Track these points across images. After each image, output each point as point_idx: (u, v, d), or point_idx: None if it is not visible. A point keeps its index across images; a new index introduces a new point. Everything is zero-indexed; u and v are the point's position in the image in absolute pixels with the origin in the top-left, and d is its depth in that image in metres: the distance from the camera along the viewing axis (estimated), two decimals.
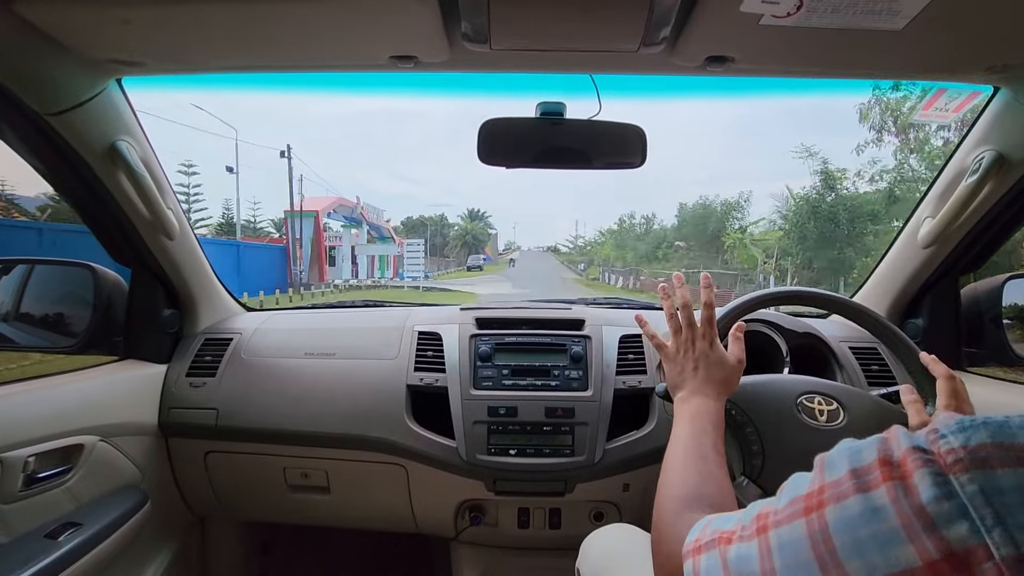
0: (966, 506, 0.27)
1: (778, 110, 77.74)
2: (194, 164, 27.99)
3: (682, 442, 0.64)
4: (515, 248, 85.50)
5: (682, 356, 0.76)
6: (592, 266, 42.44)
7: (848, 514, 0.31)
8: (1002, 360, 1.13)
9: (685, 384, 0.73)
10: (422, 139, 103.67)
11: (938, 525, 0.27)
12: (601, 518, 1.18)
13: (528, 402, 1.11)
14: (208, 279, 1.31)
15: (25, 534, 0.88)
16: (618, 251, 35.91)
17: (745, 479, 0.80)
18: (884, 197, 12.15)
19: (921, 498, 0.28)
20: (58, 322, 1.22)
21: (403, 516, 1.22)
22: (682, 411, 0.69)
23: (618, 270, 30.97)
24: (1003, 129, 0.95)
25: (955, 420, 0.30)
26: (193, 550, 1.36)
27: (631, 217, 39.19)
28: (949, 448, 0.29)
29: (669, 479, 0.59)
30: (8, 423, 0.86)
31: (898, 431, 0.33)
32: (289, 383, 1.19)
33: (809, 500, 0.33)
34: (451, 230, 55.07)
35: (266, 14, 0.72)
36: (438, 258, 46.22)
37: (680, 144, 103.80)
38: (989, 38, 0.76)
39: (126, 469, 1.09)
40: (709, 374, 0.73)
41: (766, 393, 0.85)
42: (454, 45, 0.79)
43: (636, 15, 0.70)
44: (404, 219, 56.11)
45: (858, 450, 0.33)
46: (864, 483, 0.31)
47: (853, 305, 0.94)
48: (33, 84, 0.82)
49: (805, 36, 0.73)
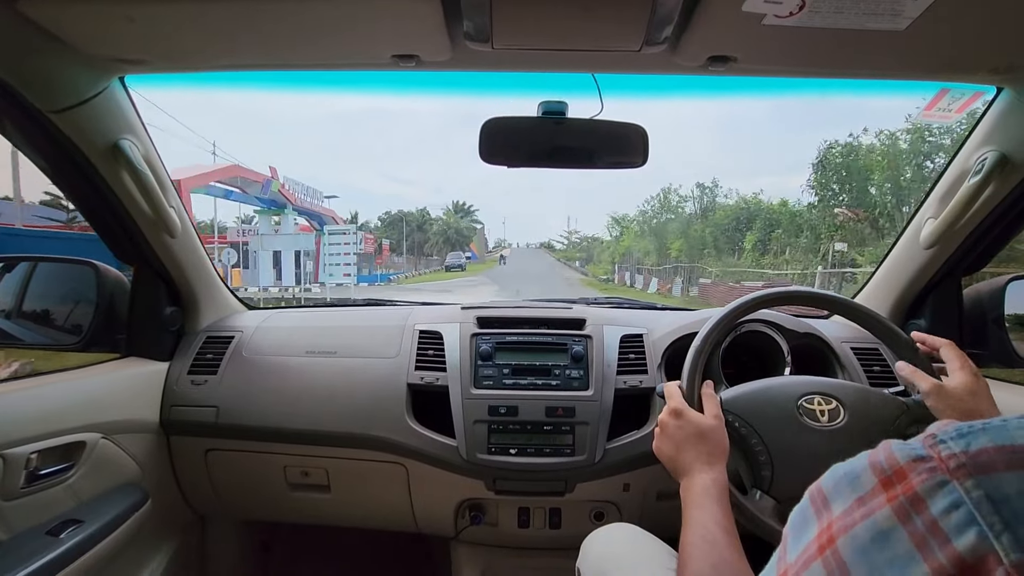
0: (973, 513, 0.26)
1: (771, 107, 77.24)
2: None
3: (691, 528, 0.66)
4: (506, 245, 75.35)
5: (666, 447, 0.80)
6: (593, 263, 37.30)
7: (861, 543, 0.29)
8: (1005, 361, 1.13)
9: (680, 469, 0.76)
10: (412, 139, 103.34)
11: (950, 537, 0.27)
12: (601, 518, 1.18)
13: (529, 401, 1.11)
14: (210, 277, 1.31)
15: (26, 531, 0.88)
16: (641, 242, 25.29)
17: (757, 492, 0.80)
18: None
19: (932, 511, 0.27)
20: (61, 320, 1.22)
21: (403, 515, 1.22)
22: (686, 496, 0.72)
23: (651, 269, 22.36)
24: (1006, 130, 0.95)
25: (952, 426, 0.30)
26: (193, 548, 1.37)
27: (670, 192, 24.63)
28: (950, 453, 0.28)
29: (686, 571, 0.62)
30: (10, 420, 0.87)
31: (890, 445, 0.32)
32: (290, 381, 1.19)
33: (820, 539, 0.32)
34: (433, 225, 48.33)
35: (269, 13, 0.72)
36: (418, 257, 41.46)
37: (678, 142, 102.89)
38: (992, 39, 0.76)
39: (127, 467, 1.09)
40: (696, 451, 0.76)
41: (766, 400, 0.85)
42: (456, 44, 0.79)
43: (638, 15, 0.70)
44: (383, 214, 48.52)
45: (855, 476, 0.32)
46: (870, 508, 0.30)
47: (850, 304, 0.95)
48: (36, 82, 0.82)
49: (807, 36, 0.73)
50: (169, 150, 17.20)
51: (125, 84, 0.95)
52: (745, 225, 18.49)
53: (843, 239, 13.73)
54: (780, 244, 16.47)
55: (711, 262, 18.91)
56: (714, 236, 19.57)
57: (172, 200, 1.10)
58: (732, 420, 0.82)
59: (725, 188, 30.73)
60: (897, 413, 0.83)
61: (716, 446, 0.76)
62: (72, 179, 0.99)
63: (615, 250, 30.39)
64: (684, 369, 0.88)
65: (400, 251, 41.05)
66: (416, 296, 2.16)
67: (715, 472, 0.72)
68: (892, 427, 0.82)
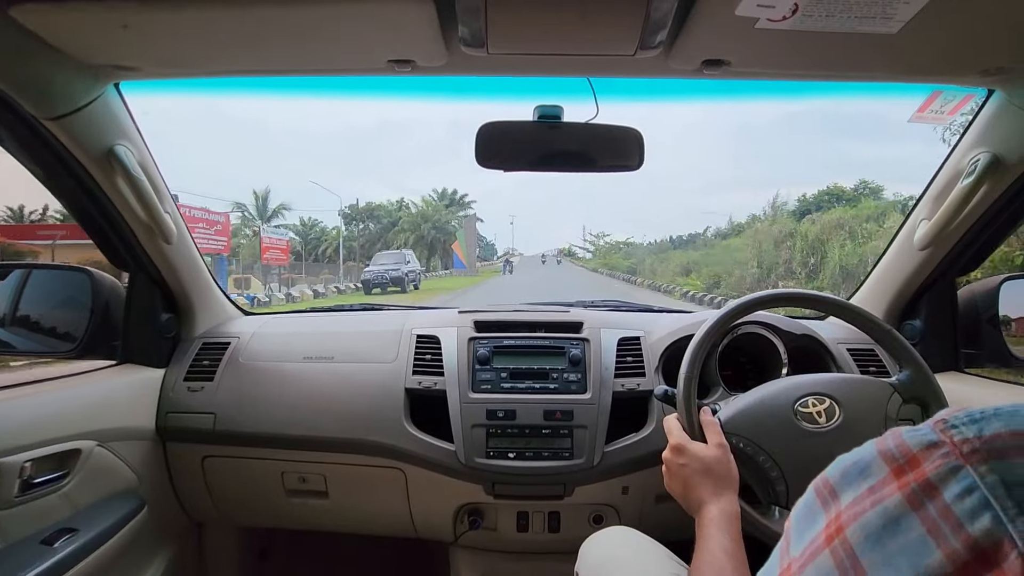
0: (987, 498, 0.26)
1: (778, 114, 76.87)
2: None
3: (698, 556, 0.69)
4: (516, 253, 57.09)
5: (675, 486, 0.81)
6: (640, 270, 25.91)
7: (871, 531, 0.29)
8: (999, 361, 1.14)
9: (692, 506, 0.77)
10: (421, 148, 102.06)
11: (963, 522, 0.26)
12: (600, 521, 1.18)
13: (527, 405, 1.11)
14: (206, 283, 1.31)
15: (21, 540, 0.87)
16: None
17: (775, 509, 0.80)
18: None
19: (945, 497, 0.27)
20: (56, 327, 1.21)
21: (402, 520, 1.21)
22: (698, 529, 0.74)
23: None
24: (998, 131, 0.95)
25: (963, 411, 0.29)
26: (190, 556, 1.36)
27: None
28: (963, 438, 0.28)
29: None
30: (5, 428, 0.86)
31: (900, 432, 0.31)
32: (287, 387, 1.18)
33: (829, 529, 0.31)
34: (403, 216, 33.53)
35: (264, 19, 0.72)
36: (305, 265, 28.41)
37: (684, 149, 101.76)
38: (983, 41, 0.76)
39: (123, 474, 1.08)
40: (704, 486, 0.77)
41: (764, 413, 0.85)
42: (451, 49, 0.79)
43: (632, 19, 0.70)
44: (348, 206, 33.19)
45: (864, 465, 0.31)
46: (880, 496, 0.29)
47: (845, 305, 0.96)
48: (31, 89, 0.82)
49: (800, 40, 0.74)
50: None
51: (120, 91, 0.95)
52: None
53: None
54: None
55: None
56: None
57: (168, 206, 1.10)
58: (736, 442, 0.82)
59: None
60: (886, 394, 0.85)
61: (723, 477, 0.77)
62: (67, 186, 0.98)
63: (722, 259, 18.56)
64: (681, 372, 0.88)
65: (322, 257, 30.34)
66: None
67: (723, 502, 0.73)
68: (885, 409, 0.84)
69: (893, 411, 0.84)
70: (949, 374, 1.17)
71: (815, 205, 18.08)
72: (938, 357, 1.13)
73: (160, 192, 1.07)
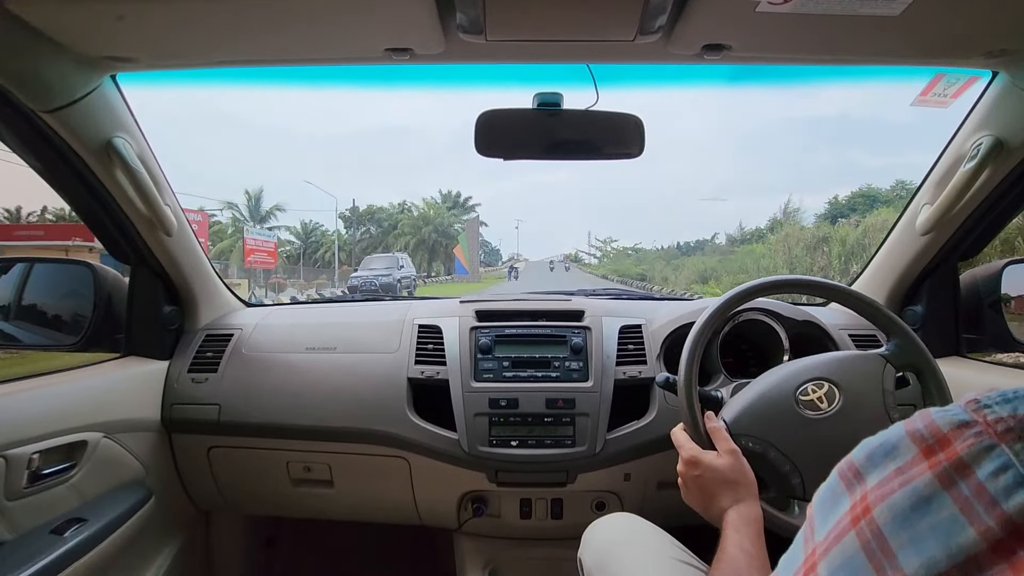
0: (1023, 475, 0.26)
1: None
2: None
3: (718, 555, 0.70)
4: (522, 259, 55.15)
5: (694, 500, 0.82)
6: (651, 276, 25.29)
7: (899, 511, 0.28)
8: (1002, 345, 1.14)
9: (714, 518, 0.77)
10: (428, 155, 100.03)
11: (998, 499, 0.26)
12: (603, 507, 1.19)
13: (529, 393, 1.11)
14: (208, 275, 1.31)
15: (31, 530, 0.89)
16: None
17: (794, 503, 0.80)
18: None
19: (978, 476, 0.27)
20: (60, 320, 1.22)
21: (406, 508, 1.23)
22: (723, 531, 0.74)
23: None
24: (1002, 114, 0.95)
25: (996, 391, 0.29)
26: (198, 544, 1.37)
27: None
28: (997, 417, 0.28)
29: None
30: (12, 421, 0.87)
31: (929, 413, 0.31)
32: (291, 378, 1.19)
33: (854, 511, 0.30)
34: (404, 218, 33.32)
35: (260, 8, 0.71)
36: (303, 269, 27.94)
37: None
38: (987, 23, 0.75)
39: (130, 465, 1.09)
40: (723, 496, 0.77)
41: (767, 406, 0.85)
42: (449, 37, 0.78)
43: (632, 4, 0.69)
44: (348, 208, 33.80)
45: (892, 446, 0.31)
46: (909, 476, 0.29)
47: (846, 291, 0.96)
48: (27, 81, 0.81)
49: (802, 23, 0.73)
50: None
51: (117, 82, 0.94)
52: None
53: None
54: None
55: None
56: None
57: (167, 198, 1.10)
58: (745, 443, 0.82)
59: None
60: (880, 366, 0.86)
61: (740, 484, 0.77)
62: (66, 179, 0.98)
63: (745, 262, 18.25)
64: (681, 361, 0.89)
65: (313, 261, 30.30)
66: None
67: (743, 508, 0.74)
68: (881, 381, 0.84)
69: (889, 382, 0.85)
70: (950, 359, 1.17)
71: (848, 207, 17.50)
72: (939, 342, 1.14)
73: (160, 184, 1.07)
